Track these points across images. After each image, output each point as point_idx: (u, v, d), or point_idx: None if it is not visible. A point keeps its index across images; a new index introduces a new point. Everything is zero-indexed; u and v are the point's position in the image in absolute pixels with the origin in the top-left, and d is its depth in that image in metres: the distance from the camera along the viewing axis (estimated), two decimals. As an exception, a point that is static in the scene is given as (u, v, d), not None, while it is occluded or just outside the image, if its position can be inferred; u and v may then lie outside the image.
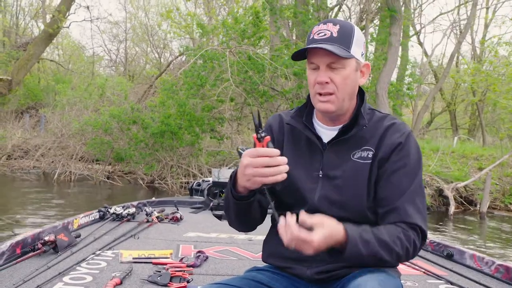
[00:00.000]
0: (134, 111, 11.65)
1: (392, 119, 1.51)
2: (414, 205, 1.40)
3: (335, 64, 1.40)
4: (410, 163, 1.43)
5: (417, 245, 1.37)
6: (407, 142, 1.45)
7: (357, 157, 1.45)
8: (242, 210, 1.43)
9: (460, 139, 16.94)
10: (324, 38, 1.40)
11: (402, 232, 1.35)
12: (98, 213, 3.90)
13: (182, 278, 2.35)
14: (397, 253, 1.33)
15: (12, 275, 2.29)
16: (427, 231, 1.42)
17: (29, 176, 12.04)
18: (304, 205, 1.46)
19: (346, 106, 1.47)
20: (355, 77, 1.45)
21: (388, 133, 1.46)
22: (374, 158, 1.44)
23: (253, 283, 1.44)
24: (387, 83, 10.67)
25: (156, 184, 11.40)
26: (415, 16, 18.89)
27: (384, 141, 1.45)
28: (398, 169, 1.42)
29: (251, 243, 3.43)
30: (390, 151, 1.43)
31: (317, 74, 1.43)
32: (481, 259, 2.97)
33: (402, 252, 1.34)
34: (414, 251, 1.37)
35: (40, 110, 17.78)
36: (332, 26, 1.42)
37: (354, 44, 1.41)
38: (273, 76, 10.96)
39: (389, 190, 1.42)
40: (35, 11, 23.80)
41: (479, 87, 16.17)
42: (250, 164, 1.27)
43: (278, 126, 1.58)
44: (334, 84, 1.41)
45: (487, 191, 9.97)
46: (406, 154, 1.44)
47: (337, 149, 1.47)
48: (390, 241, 1.32)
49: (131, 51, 26.91)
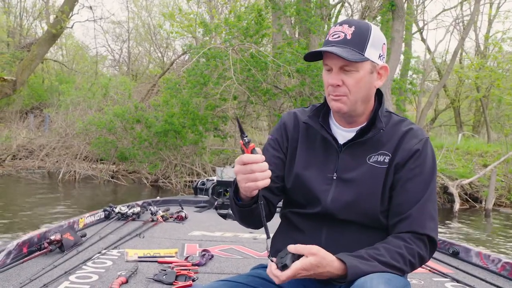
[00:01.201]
0: (138, 110, 11.68)
1: (409, 124, 1.50)
2: (427, 213, 1.40)
3: (348, 67, 1.39)
4: (425, 170, 1.43)
5: (423, 256, 1.38)
6: (424, 149, 1.44)
7: (373, 161, 1.44)
8: (246, 215, 1.44)
9: (464, 136, 16.87)
10: (338, 40, 1.39)
11: (404, 246, 1.35)
12: (103, 212, 3.91)
13: (187, 276, 2.35)
14: (399, 269, 1.33)
15: (19, 274, 2.30)
16: (437, 238, 1.42)
17: (34, 176, 12.09)
18: (316, 206, 1.46)
19: (361, 109, 1.46)
20: (369, 80, 1.43)
21: (405, 138, 1.45)
22: (391, 163, 1.43)
23: (259, 280, 1.45)
24: (390, 79, 10.65)
25: (160, 183, 11.42)
26: (418, 13, 18.82)
27: (401, 146, 1.44)
28: (414, 177, 1.42)
29: (256, 242, 3.44)
30: (407, 157, 1.43)
31: (330, 76, 1.42)
32: (487, 256, 2.96)
33: (406, 266, 1.34)
34: (420, 262, 1.38)
35: (44, 110, 17.83)
36: (347, 28, 1.40)
37: (369, 46, 1.39)
38: (276, 74, 10.95)
39: (403, 197, 1.42)
40: (39, 11, 23.85)
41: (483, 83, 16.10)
42: (239, 171, 1.29)
43: (293, 124, 1.57)
44: (347, 87, 1.41)
45: (492, 188, 9.93)
46: (423, 161, 1.43)
47: (353, 151, 1.47)
48: (391, 259, 1.32)
49: (134, 51, 26.97)
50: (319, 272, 1.26)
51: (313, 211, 1.47)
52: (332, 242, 1.43)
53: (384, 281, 1.24)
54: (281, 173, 1.54)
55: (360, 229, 1.44)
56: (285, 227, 1.56)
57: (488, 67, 15.30)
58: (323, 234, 1.46)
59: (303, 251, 1.26)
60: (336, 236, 1.45)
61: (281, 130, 1.58)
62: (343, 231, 1.45)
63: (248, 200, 1.38)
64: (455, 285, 2.58)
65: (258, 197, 1.35)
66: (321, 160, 1.49)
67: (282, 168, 1.55)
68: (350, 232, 1.45)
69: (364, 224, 1.43)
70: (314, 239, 1.43)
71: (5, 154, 13.89)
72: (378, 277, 1.26)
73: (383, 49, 1.44)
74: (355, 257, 1.30)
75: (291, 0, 11.98)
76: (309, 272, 1.25)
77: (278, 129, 1.60)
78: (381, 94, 1.52)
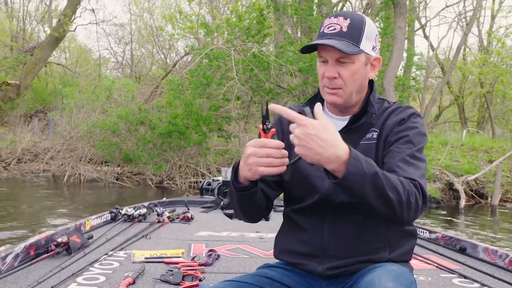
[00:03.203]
0: (142, 112, 11.70)
1: (398, 104, 1.52)
2: (413, 165, 1.36)
3: (343, 59, 1.40)
4: (411, 134, 1.41)
5: (418, 200, 1.28)
6: (410, 118, 1.44)
7: (364, 139, 1.46)
8: (244, 200, 1.42)
9: (469, 132, 16.82)
10: (334, 32, 1.40)
11: (405, 181, 1.28)
12: (110, 214, 3.92)
13: (194, 276, 2.36)
14: (400, 195, 1.23)
15: (27, 276, 2.32)
16: (427, 193, 1.35)
17: (39, 179, 12.14)
18: (314, 193, 1.46)
19: (355, 99, 1.48)
20: (364, 72, 1.45)
21: (392, 114, 1.47)
22: (379, 138, 1.44)
23: (265, 280, 1.44)
24: (394, 77, 10.61)
25: (165, 184, 11.44)
26: (420, 9, 18.77)
27: (388, 121, 1.46)
28: (399, 139, 1.41)
29: (262, 241, 3.43)
30: (392, 127, 1.44)
31: (326, 68, 1.43)
32: (495, 252, 2.95)
33: (405, 197, 1.25)
34: (416, 206, 1.28)
35: (49, 114, 17.90)
36: (343, 20, 1.41)
37: (364, 38, 1.41)
38: (279, 74, 10.95)
39: (389, 157, 1.40)
40: (42, 15, 23.95)
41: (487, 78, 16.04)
42: (253, 154, 1.26)
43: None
44: (342, 79, 1.41)
45: (498, 184, 9.90)
46: (408, 126, 1.43)
47: (347, 137, 1.46)
48: (394, 179, 1.25)
49: (137, 53, 27.08)
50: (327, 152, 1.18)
51: (312, 200, 1.47)
52: (334, 236, 1.43)
53: (392, 279, 1.23)
54: None
55: (363, 220, 1.42)
56: (287, 227, 1.56)
57: (491, 63, 15.23)
58: (325, 228, 1.46)
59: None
60: (338, 229, 1.44)
61: (277, 124, 1.60)
62: (345, 223, 1.43)
63: (247, 183, 1.36)
64: (463, 281, 2.57)
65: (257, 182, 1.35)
66: None
67: None
68: (353, 225, 1.43)
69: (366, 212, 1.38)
70: (316, 235, 1.44)
71: (10, 158, 13.96)
72: (386, 274, 1.25)
73: (376, 41, 1.46)
74: (365, 160, 1.22)
75: (289, 1, 11.98)
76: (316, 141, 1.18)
77: (274, 124, 1.62)
78: (372, 82, 1.53)
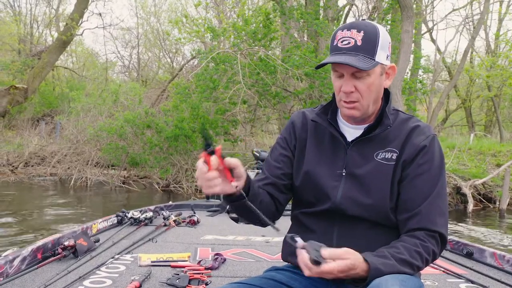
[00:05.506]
0: (148, 116, 11.74)
1: (416, 121, 1.50)
2: (437, 209, 1.40)
3: (359, 73, 1.39)
4: (434, 167, 1.42)
5: (436, 253, 1.39)
6: (432, 145, 1.44)
7: (381, 157, 1.45)
8: (241, 208, 1.41)
9: (476, 136, 16.71)
10: (348, 47, 1.38)
11: (420, 244, 1.35)
12: (116, 217, 3.93)
13: (200, 280, 2.36)
14: (417, 266, 1.34)
15: (34, 279, 2.33)
16: (447, 235, 1.42)
17: (46, 182, 12.20)
18: (326, 203, 1.46)
19: (372, 109, 1.47)
20: (379, 82, 1.44)
21: (413, 135, 1.45)
22: (398, 160, 1.44)
23: (273, 283, 1.44)
24: (401, 81, 10.57)
25: (172, 188, 11.45)
26: (427, 13, 18.72)
27: (409, 143, 1.44)
28: (422, 173, 1.42)
29: (268, 245, 3.43)
30: (414, 154, 1.43)
31: (342, 82, 1.42)
32: (502, 257, 2.92)
33: (422, 264, 1.35)
34: (433, 259, 1.39)
35: (56, 117, 18.00)
36: (356, 33, 1.38)
37: (379, 49, 1.39)
38: (285, 77, 10.95)
39: (412, 194, 1.41)
40: (49, 19, 24.15)
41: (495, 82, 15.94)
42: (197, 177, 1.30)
43: (301, 124, 1.59)
44: (359, 93, 1.41)
45: (506, 188, 9.81)
46: (431, 158, 1.43)
47: (361, 148, 1.47)
48: (410, 257, 1.32)
49: (143, 57, 27.19)
50: (351, 274, 1.23)
51: (323, 208, 1.47)
52: (343, 241, 1.42)
53: (399, 283, 1.23)
54: (288, 170, 1.56)
55: (371, 227, 1.44)
56: (296, 229, 1.56)
57: (499, 66, 15.15)
58: (335, 233, 1.46)
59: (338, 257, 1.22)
60: (347, 235, 1.45)
61: (289, 128, 1.61)
62: (354, 229, 1.45)
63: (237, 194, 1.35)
64: (470, 286, 2.55)
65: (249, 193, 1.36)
66: (329, 157, 1.50)
67: (290, 166, 1.57)
68: (361, 231, 1.44)
69: (375, 221, 1.43)
70: (325, 239, 1.42)
71: (17, 161, 14.04)
72: (393, 278, 1.25)
73: (389, 49, 1.45)
74: (379, 256, 1.29)
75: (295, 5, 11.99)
76: (342, 274, 1.22)
77: (287, 128, 1.62)
78: (388, 92, 1.52)
